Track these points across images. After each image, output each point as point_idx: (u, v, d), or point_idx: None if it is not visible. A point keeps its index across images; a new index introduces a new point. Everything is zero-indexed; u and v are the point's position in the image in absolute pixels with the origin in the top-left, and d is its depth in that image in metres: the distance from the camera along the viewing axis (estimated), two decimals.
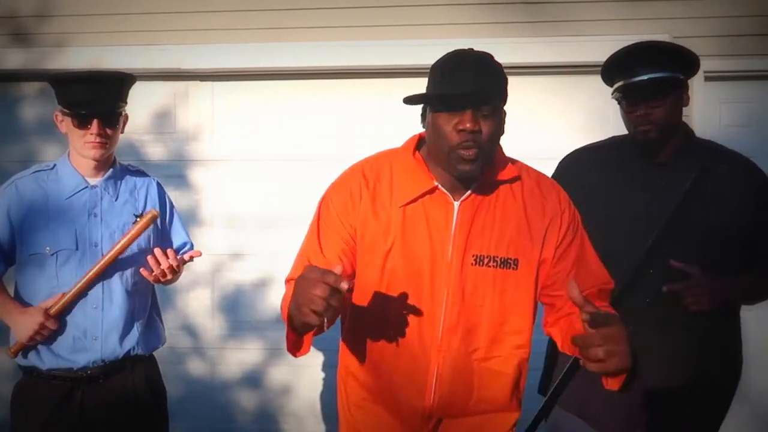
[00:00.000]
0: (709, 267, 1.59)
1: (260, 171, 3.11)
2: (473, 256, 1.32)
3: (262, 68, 2.99)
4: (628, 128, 1.69)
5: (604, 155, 1.78)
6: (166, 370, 2.92)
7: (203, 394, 3.11)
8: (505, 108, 1.32)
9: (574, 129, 2.91)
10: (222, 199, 3.12)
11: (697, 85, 2.87)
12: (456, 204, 1.33)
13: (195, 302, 3.13)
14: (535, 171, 1.42)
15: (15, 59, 3.04)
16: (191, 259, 1.83)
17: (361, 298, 1.36)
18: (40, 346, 1.78)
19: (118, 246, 1.76)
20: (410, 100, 1.28)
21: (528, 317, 1.36)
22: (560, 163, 1.85)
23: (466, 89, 1.21)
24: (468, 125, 1.22)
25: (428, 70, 1.32)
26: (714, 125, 2.95)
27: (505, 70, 1.30)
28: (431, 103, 1.29)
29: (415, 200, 1.33)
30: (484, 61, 1.27)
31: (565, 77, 2.99)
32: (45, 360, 1.78)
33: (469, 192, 1.33)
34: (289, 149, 3.09)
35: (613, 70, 1.67)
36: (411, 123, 3.08)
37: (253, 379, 3.12)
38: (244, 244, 3.10)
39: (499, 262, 1.31)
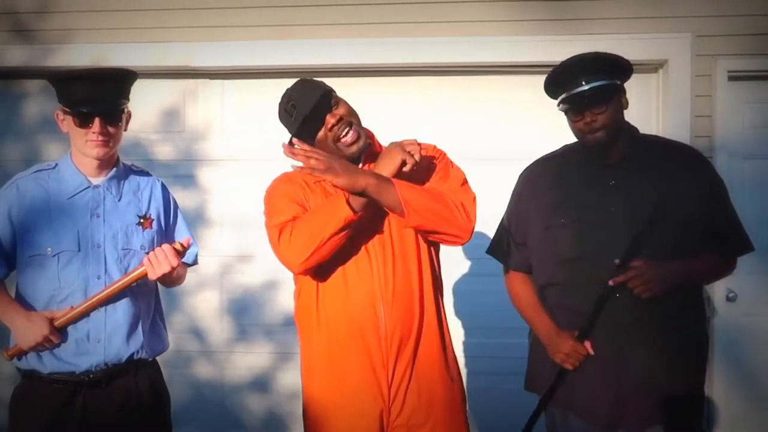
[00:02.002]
0: (666, 253, 1.68)
1: (271, 171, 3.04)
2: None
3: (274, 66, 2.94)
4: (577, 136, 1.79)
5: (559, 163, 1.88)
6: (174, 374, 2.88)
7: (211, 398, 3.08)
8: (522, 101, 1.43)
9: None
10: (231, 199, 3.07)
11: (720, 85, 2.81)
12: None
13: (203, 305, 3.09)
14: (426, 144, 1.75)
15: (17, 56, 3.00)
16: (183, 248, 1.77)
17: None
18: None
19: (134, 275, 1.74)
20: (296, 140, 1.66)
21: (420, 251, 1.69)
22: (519, 176, 1.94)
23: (309, 107, 1.64)
24: (332, 121, 1.64)
25: (441, 68, 1.29)
26: (737, 126, 2.89)
27: (523, 69, 1.26)
28: (303, 136, 1.68)
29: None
30: (304, 85, 1.74)
31: None
32: (46, 363, 1.73)
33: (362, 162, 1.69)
34: None
35: (555, 84, 1.78)
36: (425, 120, 3.04)
37: (262, 383, 3.08)
38: (253, 246, 3.03)
39: None
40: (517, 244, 1.88)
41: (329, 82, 2.95)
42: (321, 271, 1.64)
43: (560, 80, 1.75)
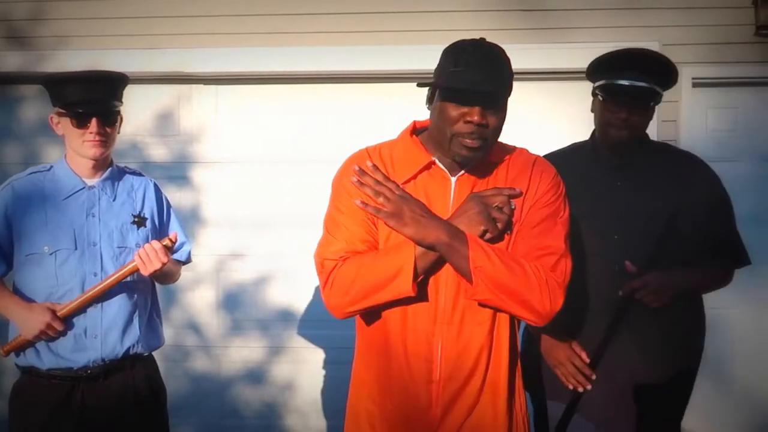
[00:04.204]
0: (669, 261, 1.64)
1: (263, 173, 3.10)
2: None
3: (265, 72, 2.97)
4: (599, 126, 1.72)
5: (566, 160, 1.78)
6: (171, 368, 2.92)
7: (209, 391, 3.10)
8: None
9: (571, 133, 2.90)
10: (225, 200, 3.10)
11: (684, 91, 2.89)
12: (453, 179, 1.35)
13: (199, 301, 3.11)
14: (526, 152, 1.43)
15: (12, 62, 3.00)
16: (171, 243, 1.77)
17: None
18: (39, 346, 1.73)
19: (132, 265, 1.73)
20: (425, 85, 1.31)
21: None
22: None
23: (479, 87, 1.22)
24: (476, 119, 1.24)
25: (429, 75, 1.33)
26: (701, 130, 2.97)
27: None
28: (443, 91, 1.29)
29: (414, 177, 1.34)
30: (497, 58, 1.28)
31: (558, 83, 2.99)
32: (44, 360, 1.73)
33: (467, 168, 1.35)
34: (291, 152, 3.07)
35: (600, 67, 1.70)
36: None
37: (257, 376, 3.11)
38: (246, 244, 3.08)
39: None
40: None
41: (320, 88, 3.06)
42: None
43: (609, 65, 1.64)
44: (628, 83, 1.61)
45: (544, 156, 1.84)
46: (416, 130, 1.42)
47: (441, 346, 1.31)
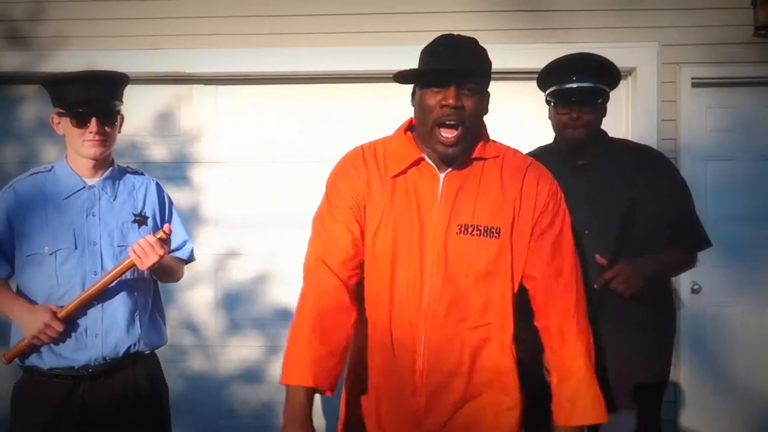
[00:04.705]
0: (637, 250, 1.73)
1: (262, 173, 3.10)
2: (458, 225, 1.34)
3: (265, 72, 2.98)
4: (556, 131, 1.82)
5: None
6: (170, 367, 2.90)
7: (206, 389, 3.09)
8: (498, 108, 1.37)
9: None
10: (224, 199, 3.09)
11: (684, 91, 2.90)
12: (441, 176, 1.36)
13: (197, 300, 3.10)
14: (523, 155, 1.45)
15: (11, 62, 3.00)
16: (166, 235, 1.74)
17: (372, 255, 1.39)
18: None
19: (128, 261, 1.72)
20: (400, 77, 1.33)
21: (509, 286, 1.36)
22: None
23: (449, 66, 1.26)
24: (451, 101, 1.26)
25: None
26: (700, 130, 2.97)
27: (502, 75, 1.33)
28: (418, 80, 1.33)
29: (404, 171, 1.36)
30: (468, 42, 1.33)
31: None
32: (46, 359, 1.73)
33: (454, 165, 1.36)
34: (290, 152, 3.07)
35: (548, 77, 1.80)
36: None
37: (255, 375, 3.10)
38: (245, 244, 3.08)
39: (482, 231, 1.33)
40: None
41: (319, 88, 3.06)
42: (369, 270, 1.38)
43: (555, 74, 1.77)
44: (575, 86, 1.73)
45: None
46: (411, 126, 1.45)
47: (424, 337, 1.34)
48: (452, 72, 1.26)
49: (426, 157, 1.37)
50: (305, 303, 1.34)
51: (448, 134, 1.28)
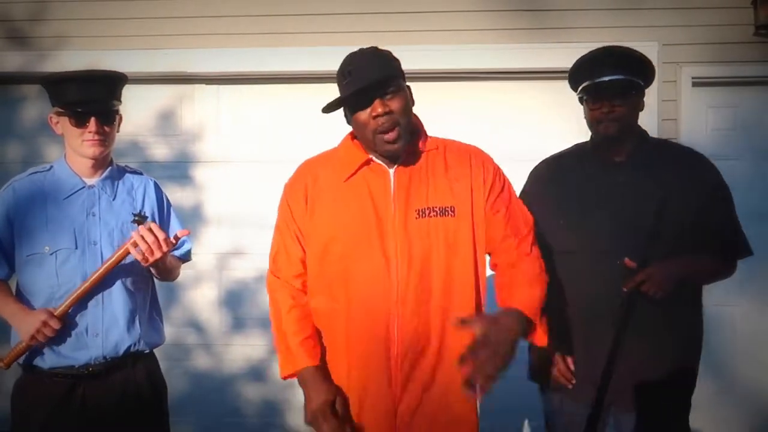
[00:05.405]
0: (670, 254, 1.66)
1: (263, 172, 3.09)
2: (415, 210, 1.46)
3: (266, 72, 2.97)
4: (590, 127, 1.77)
5: (567, 161, 1.86)
6: (173, 366, 2.91)
7: (211, 388, 3.10)
8: (498, 107, 1.38)
9: (571, 132, 2.91)
10: (227, 198, 3.10)
11: (684, 90, 2.90)
12: (391, 171, 1.49)
13: (201, 299, 3.11)
14: (460, 143, 1.58)
15: (13, 62, 3.00)
16: (176, 240, 1.76)
17: (319, 270, 1.51)
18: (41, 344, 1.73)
19: (120, 252, 1.72)
20: (327, 109, 1.47)
21: (471, 261, 1.47)
22: (530, 173, 1.92)
23: (365, 84, 1.38)
24: (380, 110, 1.40)
25: (430, 75, 1.35)
26: (701, 129, 2.97)
27: (502, 75, 1.34)
28: (345, 106, 1.47)
29: (355, 173, 1.49)
30: (371, 53, 1.45)
31: (558, 83, 2.97)
32: (47, 358, 1.73)
33: (401, 161, 1.49)
34: (292, 151, 3.07)
35: (579, 73, 1.75)
36: None
37: (259, 373, 3.11)
38: (248, 243, 3.07)
39: (438, 211, 1.45)
40: None
41: (321, 88, 3.04)
42: (337, 272, 1.47)
43: (584, 70, 1.72)
44: (606, 79, 1.67)
45: (550, 157, 1.93)
46: (356, 135, 1.56)
47: (397, 324, 1.43)
48: (370, 87, 1.39)
49: (374, 158, 1.49)
50: (275, 311, 1.54)
51: (388, 136, 1.41)
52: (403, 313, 1.42)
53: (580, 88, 1.76)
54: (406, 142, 1.45)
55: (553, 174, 1.85)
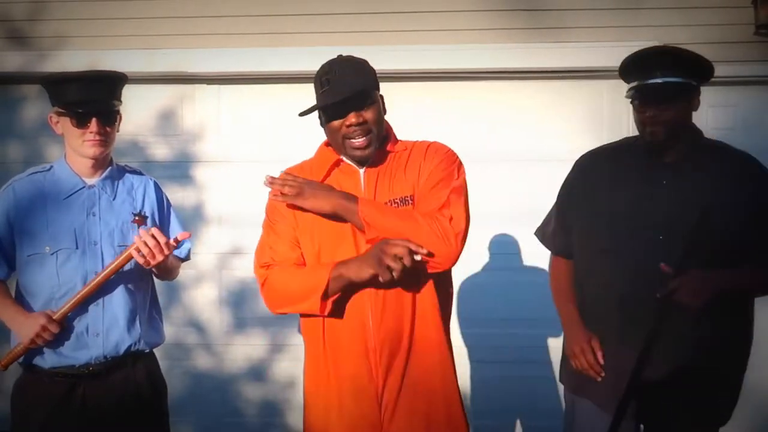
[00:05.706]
0: (714, 263, 1.59)
1: (264, 172, 3.08)
2: (383, 203, 1.54)
3: (267, 72, 2.97)
4: (638, 128, 1.70)
5: (615, 154, 1.80)
6: (173, 366, 2.91)
7: (211, 388, 3.10)
8: (497, 107, 1.37)
9: (569, 131, 2.92)
10: (227, 198, 3.10)
11: None
12: (361, 171, 1.57)
13: (202, 299, 3.11)
14: (428, 142, 1.64)
15: (13, 62, 2.99)
16: (177, 243, 1.77)
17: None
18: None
19: (121, 258, 1.72)
20: (304, 114, 1.55)
21: None
22: (576, 162, 1.88)
23: (340, 98, 1.45)
24: (353, 120, 1.48)
25: (428, 74, 1.35)
26: (701, 128, 2.91)
27: (502, 75, 1.33)
28: (321, 113, 1.55)
29: (327, 174, 1.58)
30: (351, 65, 1.53)
31: (558, 82, 2.98)
32: (46, 358, 1.74)
33: (370, 162, 1.56)
34: (292, 151, 3.06)
35: (631, 70, 1.68)
36: (411, 124, 3.12)
37: (259, 373, 3.11)
38: (248, 243, 3.03)
39: (399, 201, 1.54)
40: (562, 228, 1.83)
41: None
42: None
43: (637, 67, 1.64)
44: (651, 81, 1.60)
45: (595, 148, 1.91)
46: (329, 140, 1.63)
47: (371, 314, 1.50)
48: (347, 100, 1.46)
49: (344, 159, 1.58)
50: (279, 275, 1.54)
51: (359, 143, 1.49)
52: (375, 302, 1.49)
53: (629, 87, 1.68)
54: (376, 148, 1.54)
55: (600, 164, 1.80)
